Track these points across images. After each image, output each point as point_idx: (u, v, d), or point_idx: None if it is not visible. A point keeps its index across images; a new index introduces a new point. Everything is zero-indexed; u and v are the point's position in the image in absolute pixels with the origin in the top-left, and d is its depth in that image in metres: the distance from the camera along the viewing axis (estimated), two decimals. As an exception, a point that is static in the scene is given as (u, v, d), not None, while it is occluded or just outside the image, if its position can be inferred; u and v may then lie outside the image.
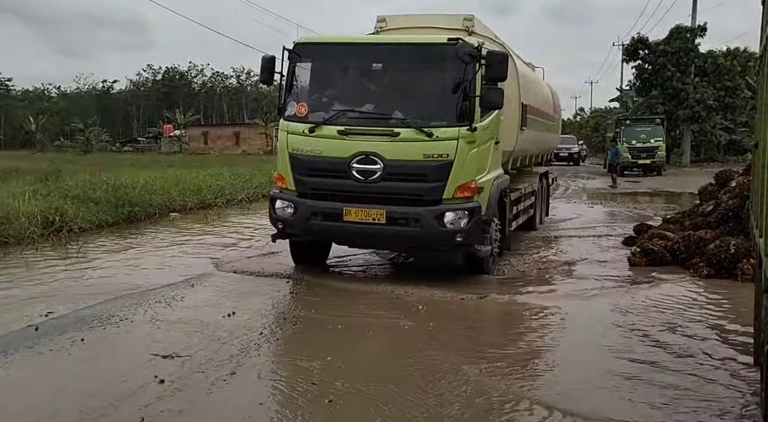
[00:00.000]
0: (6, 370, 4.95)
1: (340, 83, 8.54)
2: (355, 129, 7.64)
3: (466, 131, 7.46)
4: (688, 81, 39.90)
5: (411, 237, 7.67)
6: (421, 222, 7.47)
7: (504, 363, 5.34)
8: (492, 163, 8.28)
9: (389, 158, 7.46)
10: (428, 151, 7.43)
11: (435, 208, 7.49)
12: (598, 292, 7.91)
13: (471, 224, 7.57)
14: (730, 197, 9.75)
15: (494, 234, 8.54)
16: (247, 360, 5.28)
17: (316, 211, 7.79)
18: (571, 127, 72.43)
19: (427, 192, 7.52)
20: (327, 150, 7.70)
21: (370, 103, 8.06)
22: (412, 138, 7.45)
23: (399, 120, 7.63)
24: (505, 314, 7.20)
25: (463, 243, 7.65)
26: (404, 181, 7.53)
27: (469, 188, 7.59)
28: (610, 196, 22.39)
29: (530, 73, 12.19)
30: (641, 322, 6.58)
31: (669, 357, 5.53)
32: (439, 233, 7.53)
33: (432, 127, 7.46)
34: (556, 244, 11.58)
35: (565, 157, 41.06)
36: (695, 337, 6.10)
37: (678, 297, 7.68)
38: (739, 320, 6.50)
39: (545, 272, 9.06)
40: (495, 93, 7.61)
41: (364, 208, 7.56)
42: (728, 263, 8.42)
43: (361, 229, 7.64)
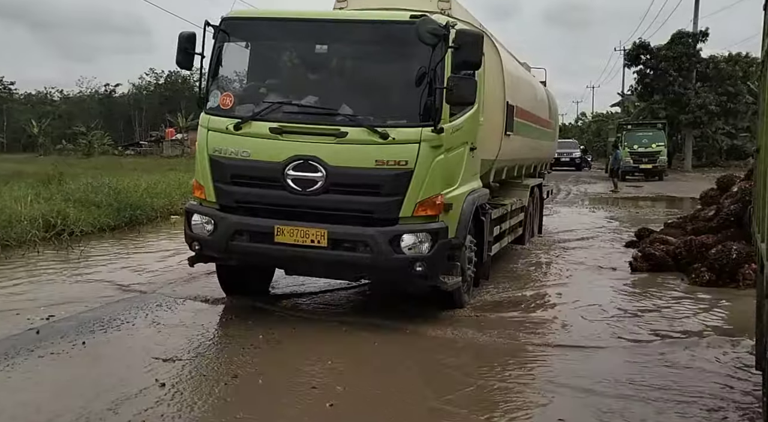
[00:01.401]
0: (7, 373, 4.95)
1: (276, 69, 6.98)
2: (292, 127, 6.15)
3: (431, 133, 5.99)
4: (689, 86, 39.93)
5: (359, 264, 6.18)
6: (371, 246, 5.98)
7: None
8: (465, 173, 6.78)
9: (333, 164, 6.00)
10: (382, 156, 5.99)
11: (389, 229, 6.01)
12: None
13: (435, 250, 6.07)
14: (732, 202, 9.74)
15: (468, 261, 7.07)
16: (249, 363, 5.28)
17: (240, 230, 6.25)
18: (573, 131, 72.57)
19: (380, 208, 6.04)
20: (256, 152, 6.20)
21: (313, 94, 6.46)
22: (362, 139, 6.01)
23: (347, 117, 6.15)
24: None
25: (425, 273, 6.11)
26: (351, 194, 6.06)
27: (433, 204, 6.10)
28: (611, 200, 22.40)
29: (520, 71, 10.68)
30: (641, 327, 6.58)
31: (670, 362, 5.52)
32: (394, 261, 6.01)
33: (388, 126, 6.03)
34: (554, 251, 11.57)
35: (567, 161, 41.03)
36: (697, 342, 6.10)
37: (679, 302, 7.67)
38: (740, 325, 6.49)
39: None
40: (466, 84, 6.07)
41: (302, 227, 6.06)
42: (730, 268, 8.42)
43: (296, 254, 6.13)
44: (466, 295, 7.14)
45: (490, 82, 7.62)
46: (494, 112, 8.02)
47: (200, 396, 4.60)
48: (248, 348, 5.67)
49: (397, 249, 6.01)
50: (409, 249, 6.03)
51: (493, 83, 7.85)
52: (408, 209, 6.03)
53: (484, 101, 7.26)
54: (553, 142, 14.51)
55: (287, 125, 6.17)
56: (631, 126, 37.25)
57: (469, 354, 5.85)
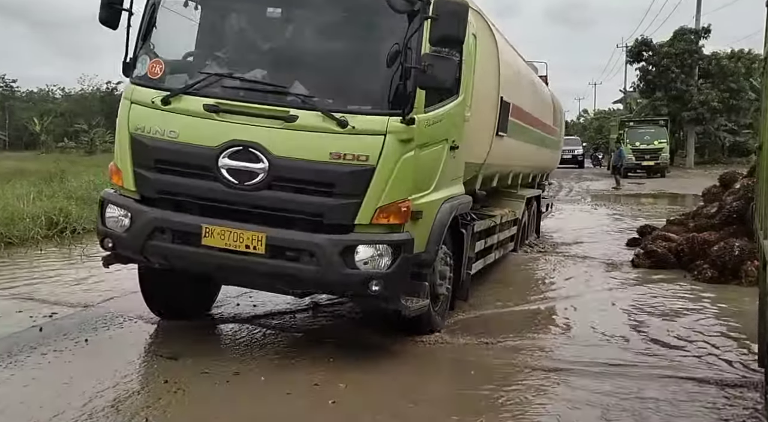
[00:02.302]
0: (10, 371, 4.96)
1: (219, 34, 5.85)
2: (231, 105, 5.07)
3: (400, 123, 4.93)
4: (692, 83, 39.90)
5: (301, 278, 5.05)
6: (318, 257, 4.89)
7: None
8: (443, 176, 5.73)
9: (278, 154, 4.92)
10: (339, 148, 4.90)
11: (342, 238, 4.93)
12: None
13: (396, 266, 4.99)
14: (734, 199, 9.73)
15: (441, 278, 5.99)
16: (252, 361, 5.30)
17: (162, 227, 5.13)
18: (575, 128, 72.53)
19: (332, 212, 4.93)
20: (185, 133, 5.11)
21: (260, 68, 5.36)
22: (315, 126, 4.93)
23: (299, 97, 5.04)
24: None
25: (382, 294, 5.04)
26: (298, 192, 4.97)
27: (397, 211, 5.02)
28: (613, 197, 22.40)
29: (521, 65, 9.47)
30: (644, 324, 6.57)
31: (673, 359, 5.52)
32: (345, 277, 4.94)
33: (348, 112, 4.94)
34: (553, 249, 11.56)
35: (569, 158, 40.99)
36: (699, 339, 6.10)
37: (682, 299, 7.67)
38: (743, 322, 6.49)
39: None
40: (443, 64, 4.96)
41: (235, 229, 4.98)
42: (732, 265, 8.42)
43: (227, 261, 5.04)
44: (438, 317, 6.07)
45: (481, 71, 6.63)
46: (484, 107, 6.97)
47: (203, 393, 4.61)
48: (251, 345, 5.65)
49: (350, 262, 4.92)
50: (365, 263, 4.94)
51: (484, 73, 6.83)
52: (366, 215, 4.94)
53: (472, 93, 6.33)
54: (557, 151, 13.41)
55: (225, 102, 5.08)
56: (634, 123, 37.26)
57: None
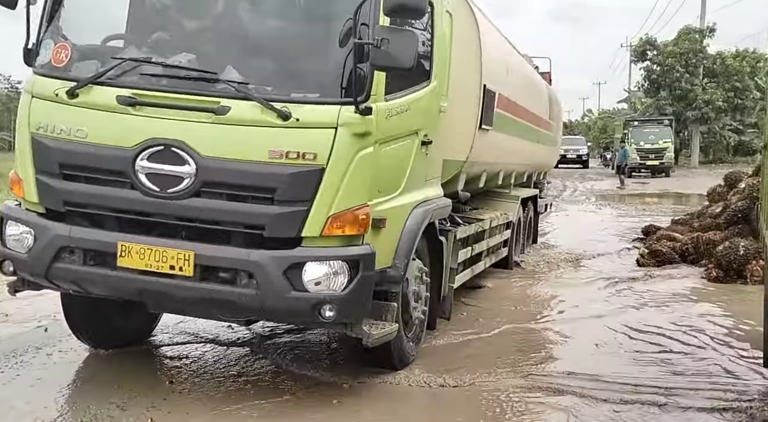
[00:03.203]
0: (15, 371, 4.98)
1: (136, 11, 4.84)
2: (150, 96, 4.20)
3: (353, 114, 4.11)
4: (696, 82, 39.82)
5: (239, 305, 4.18)
6: (257, 278, 4.07)
7: None
8: (413, 176, 4.92)
9: (207, 154, 4.09)
10: (280, 145, 4.07)
11: (286, 255, 4.09)
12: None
13: (354, 286, 4.15)
14: (739, 199, 9.72)
15: (415, 298, 5.12)
16: (254, 362, 5.29)
17: (69, 246, 4.24)
18: (579, 128, 72.47)
19: (274, 222, 4.10)
20: (95, 132, 4.22)
21: (187, 51, 4.40)
22: (251, 119, 4.10)
23: (232, 85, 4.16)
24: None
25: (338, 320, 4.20)
26: (232, 200, 4.14)
27: (353, 220, 4.18)
28: (618, 197, 22.37)
29: (507, 50, 8.43)
30: (650, 323, 6.56)
31: (677, 359, 5.52)
32: (292, 301, 4.10)
33: (291, 101, 4.11)
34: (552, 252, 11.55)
35: (573, 158, 40.98)
36: (704, 339, 6.09)
37: (687, 299, 7.65)
38: (748, 321, 6.48)
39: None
40: (401, 39, 4.07)
41: (157, 246, 4.12)
42: (737, 265, 8.40)
43: (148, 285, 4.19)
44: (411, 344, 5.17)
45: (459, 56, 5.79)
46: (464, 96, 6.14)
47: (207, 393, 4.62)
48: (251, 346, 5.64)
49: (297, 283, 4.07)
50: (315, 284, 4.09)
51: (463, 58, 6.00)
52: (315, 225, 4.10)
53: (449, 80, 5.51)
54: (554, 147, 12.46)
55: (143, 93, 4.20)
56: (638, 122, 37.18)
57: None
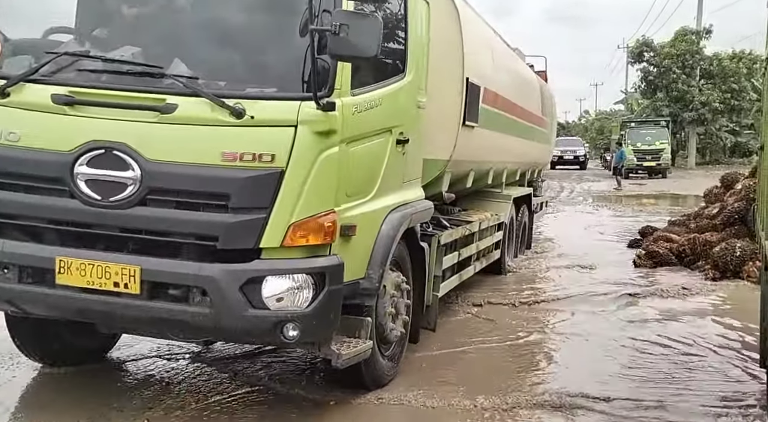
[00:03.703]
0: (11, 372, 4.97)
1: (84, 2, 4.43)
2: (90, 93, 3.80)
3: (315, 110, 3.70)
4: (693, 83, 39.86)
5: (192, 325, 3.79)
6: (212, 295, 3.66)
7: None
8: (388, 178, 4.52)
9: (153, 158, 3.70)
10: (234, 145, 3.68)
11: (243, 268, 3.69)
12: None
13: (319, 302, 3.77)
14: (736, 200, 9.74)
15: (393, 316, 4.73)
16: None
17: (3, 262, 3.88)
18: (576, 129, 72.58)
19: (229, 232, 3.68)
20: (29, 135, 3.84)
21: (131, 43, 3.98)
22: (202, 118, 3.70)
23: (178, 80, 3.75)
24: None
25: (303, 339, 3.82)
26: (182, 208, 3.74)
27: (318, 228, 3.79)
28: (615, 198, 22.40)
29: (493, 42, 7.88)
30: (646, 324, 6.57)
31: (675, 359, 5.52)
32: (250, 320, 3.70)
33: (245, 97, 3.73)
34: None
35: (571, 160, 41.04)
36: (702, 340, 6.09)
37: (684, 299, 7.67)
38: (744, 322, 6.49)
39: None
40: (363, 25, 3.65)
41: (99, 261, 3.71)
42: (734, 266, 8.42)
43: (90, 304, 3.77)
44: (389, 363, 4.76)
45: (439, 47, 5.41)
46: (445, 91, 5.77)
47: (204, 393, 4.62)
48: (249, 347, 5.63)
49: (256, 300, 3.67)
50: (277, 300, 3.69)
51: (443, 49, 5.61)
52: (275, 235, 3.69)
53: (427, 73, 5.15)
54: (548, 145, 11.89)
55: (81, 91, 3.80)
56: (635, 123, 37.20)
57: None
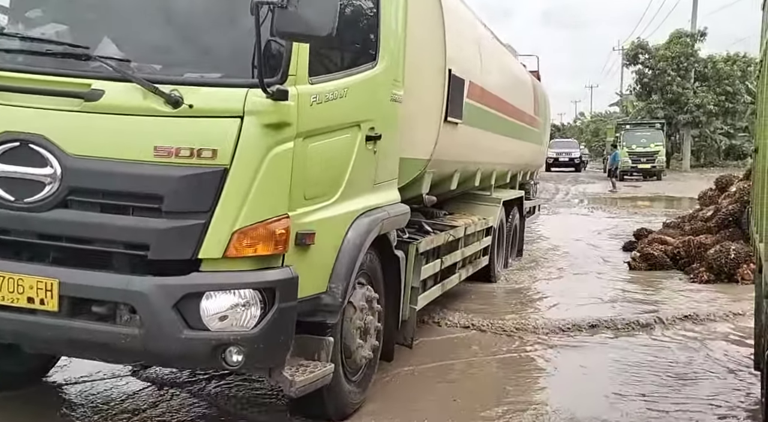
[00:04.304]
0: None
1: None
2: (2, 77, 3.36)
3: (265, 99, 3.20)
4: (688, 86, 40.00)
5: (116, 348, 3.26)
6: (141, 314, 3.17)
7: None
8: (357, 178, 4.03)
9: (74, 152, 3.22)
10: (169, 139, 3.20)
11: (178, 283, 3.19)
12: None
13: (269, 322, 3.26)
14: (730, 202, 9.75)
15: (362, 332, 4.19)
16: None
17: None
18: (572, 131, 72.77)
19: (162, 240, 3.20)
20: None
21: (56, 20, 3.61)
22: (132, 106, 3.22)
23: (106, 62, 3.27)
24: None
25: (249, 365, 3.36)
26: (108, 211, 3.25)
27: (267, 235, 3.28)
28: (610, 200, 22.44)
29: (480, 33, 7.21)
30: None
31: (669, 362, 5.52)
32: (186, 344, 3.19)
33: (183, 83, 3.23)
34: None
35: (566, 162, 41.13)
36: (695, 342, 6.09)
37: (678, 302, 7.67)
38: (738, 325, 6.49)
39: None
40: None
41: (12, 274, 3.23)
42: (728, 268, 8.43)
43: (4, 324, 3.29)
44: (355, 389, 4.22)
45: (417, 34, 4.91)
46: (424, 82, 5.20)
47: (198, 397, 4.60)
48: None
49: (193, 320, 3.17)
50: (219, 320, 3.19)
51: (421, 36, 5.07)
52: (216, 244, 3.19)
53: (404, 62, 4.65)
54: (541, 146, 11.39)
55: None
56: (630, 126, 37.32)
57: None
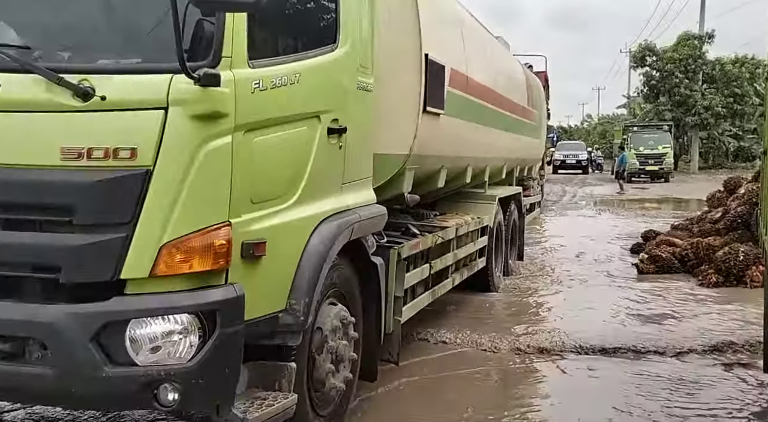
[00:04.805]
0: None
1: None
2: None
3: (192, 85, 2.69)
4: (696, 88, 39.87)
5: (28, 392, 2.87)
6: (53, 349, 2.70)
7: None
8: (319, 178, 3.50)
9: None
10: (78, 139, 2.73)
11: (95, 310, 2.69)
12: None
13: (208, 352, 2.75)
14: (739, 204, 9.71)
15: (332, 362, 3.67)
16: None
17: None
18: (579, 133, 72.66)
19: (74, 260, 2.69)
20: None
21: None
22: (32, 102, 2.77)
23: (2, 51, 2.84)
24: None
25: (188, 405, 2.83)
26: (8, 227, 2.81)
27: (205, 248, 2.78)
28: (617, 202, 22.39)
29: (461, 14, 6.66)
30: (647, 328, 6.55)
31: (677, 364, 5.50)
32: (107, 383, 2.68)
33: (94, 71, 2.78)
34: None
35: (573, 164, 41.05)
36: (704, 345, 6.06)
37: (687, 304, 7.64)
38: (747, 327, 6.46)
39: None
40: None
41: None
42: (737, 270, 8.38)
43: None
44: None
45: (386, 14, 4.49)
46: (397, 68, 4.65)
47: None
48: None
49: (117, 354, 2.69)
50: (150, 351, 2.72)
51: (391, 16, 4.62)
52: (141, 261, 2.70)
53: (372, 47, 4.12)
54: (538, 140, 10.85)
55: None
56: (637, 128, 37.21)
57: None
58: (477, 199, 7.49)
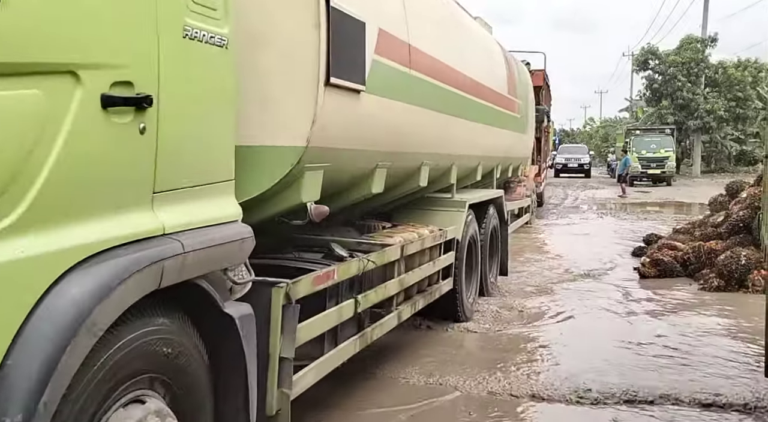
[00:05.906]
0: None
1: None
2: None
3: None
4: (698, 91, 39.87)
5: None
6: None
7: None
8: (76, 181, 1.96)
9: None
10: None
11: None
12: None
13: None
14: (741, 208, 9.70)
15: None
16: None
17: None
18: (581, 136, 72.70)
19: None
20: None
21: None
22: None
23: None
24: None
25: None
26: None
27: None
28: (619, 205, 22.37)
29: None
30: (648, 331, 6.55)
31: (677, 368, 5.49)
32: None
33: None
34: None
35: (575, 167, 41.03)
36: (704, 349, 6.06)
37: (688, 308, 7.63)
38: (749, 331, 6.46)
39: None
40: None
41: None
42: (739, 274, 8.38)
43: None
44: None
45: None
46: (277, 16, 3.30)
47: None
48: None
49: None
50: None
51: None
52: None
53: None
54: (523, 135, 9.53)
55: None
56: (640, 131, 37.21)
57: None
58: (441, 206, 6.21)
